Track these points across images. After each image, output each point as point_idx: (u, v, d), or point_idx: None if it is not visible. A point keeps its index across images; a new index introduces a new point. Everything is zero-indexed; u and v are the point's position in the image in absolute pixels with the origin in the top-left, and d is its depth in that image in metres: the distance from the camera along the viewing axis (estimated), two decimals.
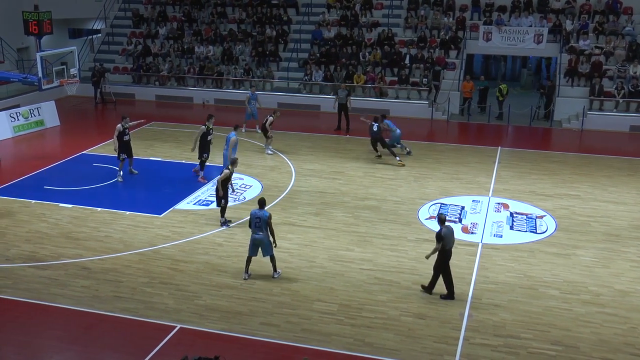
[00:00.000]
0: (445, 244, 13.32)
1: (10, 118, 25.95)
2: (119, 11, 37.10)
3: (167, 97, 32.03)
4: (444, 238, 13.25)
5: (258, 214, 13.95)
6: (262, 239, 13.96)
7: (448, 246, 13.39)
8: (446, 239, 13.30)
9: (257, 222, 13.92)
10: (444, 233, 13.27)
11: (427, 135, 26.61)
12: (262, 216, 13.91)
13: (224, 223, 16.89)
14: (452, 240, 13.52)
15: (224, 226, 16.82)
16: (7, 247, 15.77)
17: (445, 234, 13.29)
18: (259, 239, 13.98)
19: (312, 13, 34.10)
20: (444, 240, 13.26)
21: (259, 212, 13.98)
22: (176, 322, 12.59)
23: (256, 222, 13.92)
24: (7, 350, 11.18)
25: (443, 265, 13.44)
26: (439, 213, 13.66)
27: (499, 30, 30.13)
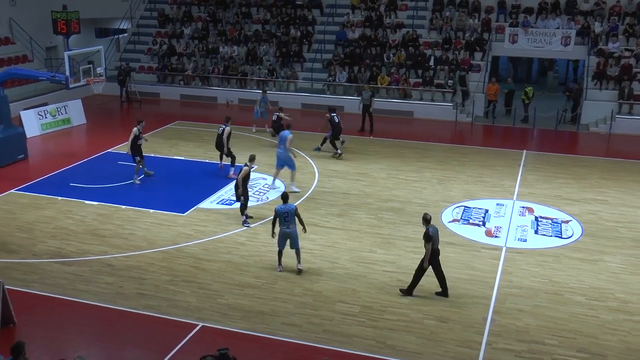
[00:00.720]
0: (434, 243, 13.34)
1: (38, 116, 26.27)
2: (144, 11, 37.38)
3: (191, 97, 32.19)
4: (432, 237, 13.27)
5: (285, 208, 14.28)
6: (292, 232, 14.33)
7: (436, 245, 13.42)
8: (434, 238, 13.34)
9: (285, 217, 14.25)
10: (432, 232, 13.30)
11: (452, 138, 26.46)
12: (290, 210, 14.27)
13: (245, 222, 16.95)
14: (439, 239, 13.60)
15: (244, 225, 16.87)
16: (34, 243, 15.95)
17: (433, 233, 13.34)
18: (289, 232, 14.33)
19: (336, 14, 34.09)
20: (433, 239, 13.29)
21: (285, 206, 14.32)
22: (198, 321, 12.65)
23: (285, 216, 14.24)
24: (33, 345, 11.30)
25: (433, 263, 13.47)
26: (425, 213, 13.66)
27: (525, 32, 29.88)
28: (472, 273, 14.64)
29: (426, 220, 13.43)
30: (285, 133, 19.84)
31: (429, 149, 24.27)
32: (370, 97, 26.14)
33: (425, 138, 25.69)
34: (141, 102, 31.71)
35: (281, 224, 14.33)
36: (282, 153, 19.63)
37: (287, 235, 14.38)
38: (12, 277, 14.13)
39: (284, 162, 19.65)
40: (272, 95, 30.90)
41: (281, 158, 19.67)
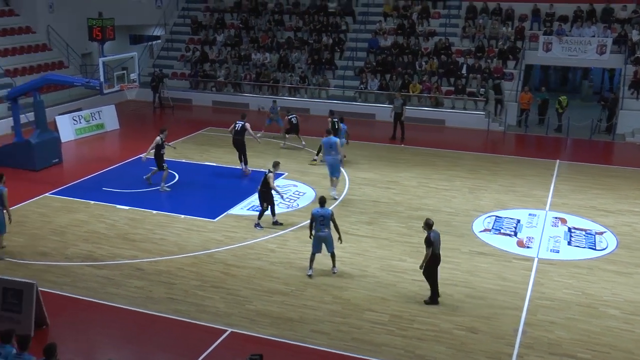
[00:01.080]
0: (435, 249, 13.30)
1: (72, 121, 26.66)
2: (178, 18, 37.77)
3: (223, 103, 32.40)
4: (433, 243, 13.21)
5: (321, 212, 14.44)
6: (326, 236, 14.48)
7: (437, 250, 13.39)
8: (435, 243, 13.30)
9: (321, 220, 14.40)
10: (433, 237, 13.26)
11: (483, 147, 26.22)
12: (326, 214, 14.45)
13: (257, 224, 17.26)
14: (440, 244, 13.54)
15: (257, 227, 17.14)
16: (67, 246, 16.15)
17: (435, 238, 13.30)
18: (324, 236, 14.48)
19: (368, 21, 34.08)
20: (434, 245, 13.24)
21: (322, 210, 14.48)
22: (227, 326, 12.67)
23: (320, 220, 14.40)
24: (64, 347, 11.41)
25: (433, 269, 13.45)
26: (427, 218, 13.70)
27: (559, 40, 29.55)
28: (503, 284, 14.47)
29: (428, 225, 13.47)
30: (334, 139, 19.74)
31: (460, 157, 24.09)
32: (402, 106, 26.04)
33: (456, 146, 25.50)
34: (173, 108, 32.01)
35: (316, 227, 14.46)
36: (332, 159, 19.50)
37: (322, 239, 14.52)
38: (45, 279, 14.32)
39: (334, 168, 19.56)
40: (303, 102, 31.07)
41: (332, 164, 19.53)
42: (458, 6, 33.47)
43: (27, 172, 21.72)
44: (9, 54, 30.57)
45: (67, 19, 33.18)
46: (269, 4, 36.34)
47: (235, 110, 31.16)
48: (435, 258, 13.43)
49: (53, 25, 32.83)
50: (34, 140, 21.98)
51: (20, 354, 9.78)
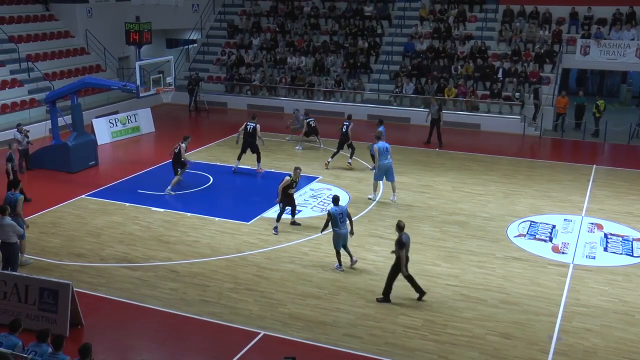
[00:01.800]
0: (407, 250, 13.28)
1: (109, 124, 27.03)
2: (214, 22, 38.07)
3: (258, 107, 32.50)
4: (405, 244, 13.19)
5: (339, 210, 14.88)
6: (346, 232, 14.94)
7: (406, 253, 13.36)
8: (407, 245, 13.28)
9: (340, 218, 14.75)
10: (404, 239, 13.25)
11: (519, 151, 25.92)
12: (343, 211, 14.92)
13: (275, 228, 17.29)
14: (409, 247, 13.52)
15: (274, 231, 17.19)
16: (102, 248, 16.38)
17: (406, 240, 13.28)
18: (345, 233, 14.90)
19: (404, 25, 33.96)
20: (406, 246, 13.22)
21: (340, 208, 14.93)
22: (260, 329, 12.72)
23: (340, 217, 14.74)
24: (99, 347, 11.58)
25: (395, 269, 13.42)
26: (399, 220, 13.72)
27: (597, 44, 29.10)
28: (537, 289, 14.29)
29: (400, 227, 13.48)
30: (387, 144, 19.74)
31: (495, 162, 23.87)
32: (438, 111, 25.86)
33: (491, 151, 25.26)
34: (208, 111, 32.28)
35: (336, 225, 14.72)
36: (389, 163, 19.54)
37: (344, 235, 14.82)
38: (81, 280, 14.54)
39: (390, 172, 19.60)
40: (338, 106, 31.07)
41: (389, 169, 19.55)
42: (495, 9, 33.18)
43: (64, 174, 22.09)
44: (48, 58, 31.16)
45: (105, 23, 33.75)
46: (305, 7, 36.45)
47: (269, 114, 31.37)
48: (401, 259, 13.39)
49: (91, 30, 33.36)
50: (71, 143, 22.35)
51: (55, 354, 9.95)
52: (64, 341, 10.23)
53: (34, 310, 12.62)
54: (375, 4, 35.06)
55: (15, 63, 29.51)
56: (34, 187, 21.12)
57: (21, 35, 31.09)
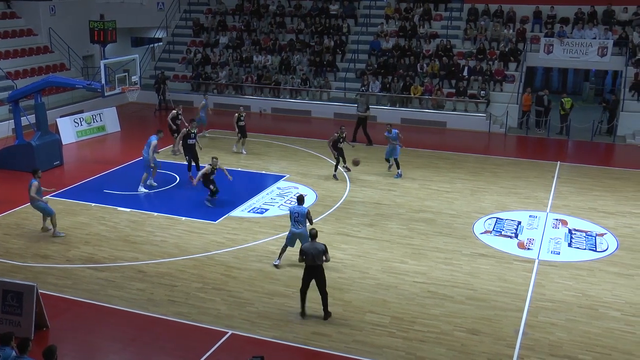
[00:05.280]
0: (308, 260, 12.79)
1: (74, 123, 26.68)
2: (180, 20, 37.79)
3: (225, 105, 32.36)
4: (305, 252, 12.80)
5: (297, 209, 14.81)
6: (301, 232, 14.74)
7: (310, 262, 12.80)
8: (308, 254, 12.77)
9: (296, 217, 14.73)
10: (305, 248, 12.86)
11: (485, 149, 26.21)
12: (301, 211, 14.77)
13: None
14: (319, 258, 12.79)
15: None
16: (68, 248, 16.16)
17: (307, 249, 12.81)
18: (299, 233, 14.78)
19: (370, 24, 34.10)
20: (306, 254, 12.78)
21: (298, 207, 14.84)
22: (228, 328, 12.67)
23: (295, 217, 14.73)
24: (65, 349, 11.43)
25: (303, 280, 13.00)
26: (312, 228, 13.43)
27: (560, 42, 29.55)
28: (504, 285, 14.46)
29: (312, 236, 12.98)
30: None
31: (461, 159, 24.10)
32: (366, 110, 25.97)
33: (457, 149, 25.51)
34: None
35: (292, 224, 14.76)
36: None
37: (297, 236, 14.81)
38: (46, 281, 14.33)
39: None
40: (305, 104, 31.09)
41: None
42: (459, 8, 33.49)
43: (28, 175, 21.56)
44: (10, 57, 30.63)
45: (69, 21, 33.28)
46: (270, 6, 36.39)
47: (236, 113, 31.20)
48: (307, 270, 12.92)
49: (54, 28, 32.87)
50: (35, 143, 22.01)
51: (20, 357, 9.79)
52: (30, 344, 10.06)
53: None
54: (341, 3, 35.15)
55: None
56: None
57: None
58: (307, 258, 12.80)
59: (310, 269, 12.86)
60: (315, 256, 12.77)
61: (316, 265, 12.82)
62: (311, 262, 12.80)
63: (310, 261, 12.80)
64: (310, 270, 12.86)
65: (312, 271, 12.87)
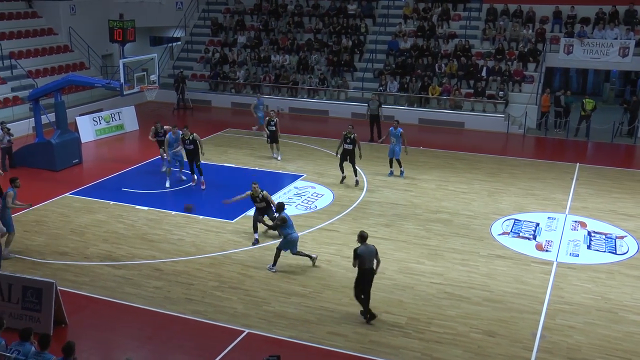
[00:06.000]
0: (362, 263, 12.65)
1: (93, 122, 26.88)
2: (198, 20, 37.93)
3: (242, 105, 32.45)
4: (360, 256, 12.62)
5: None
6: (297, 238, 15.12)
7: (364, 265, 12.67)
8: (363, 258, 12.61)
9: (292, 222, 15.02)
10: (360, 251, 12.62)
11: (502, 150, 26.06)
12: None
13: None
14: (371, 260, 12.71)
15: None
16: (86, 246, 16.28)
17: (363, 252, 12.64)
18: (297, 238, 15.06)
19: (388, 24, 34.02)
20: (360, 258, 12.62)
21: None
22: (244, 327, 12.70)
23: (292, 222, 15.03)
24: (83, 345, 11.51)
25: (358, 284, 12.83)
26: (361, 230, 13.07)
27: (581, 42, 29.29)
28: (521, 287, 14.37)
29: (362, 237, 12.78)
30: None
31: (479, 160, 23.97)
32: (378, 107, 25.90)
33: (475, 149, 25.37)
34: (192, 109, 32.16)
35: (291, 229, 14.82)
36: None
37: (296, 241, 14.94)
38: (65, 278, 14.45)
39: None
40: (322, 104, 31.12)
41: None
42: (478, 8, 33.32)
43: (47, 172, 21.94)
44: (31, 55, 30.93)
45: (89, 20, 33.55)
46: (288, 6, 36.41)
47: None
48: (362, 273, 12.74)
49: (74, 27, 33.14)
50: (55, 141, 22.20)
51: (40, 353, 9.88)
52: (50, 340, 10.15)
53: (17, 309, 12.51)
54: (360, 3, 35.09)
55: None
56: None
57: (4, 32, 30.80)
58: (363, 261, 12.64)
59: (365, 272, 12.69)
60: (370, 259, 12.68)
61: (371, 267, 12.73)
62: (367, 265, 12.67)
63: (366, 264, 12.66)
64: (366, 272, 12.70)
65: (367, 274, 12.72)
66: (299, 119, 29.89)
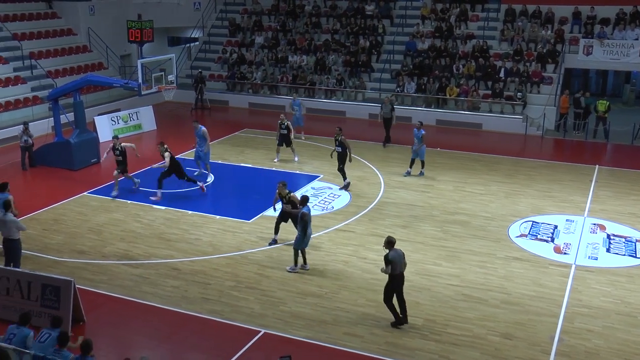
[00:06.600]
0: (394, 269, 12.52)
1: (111, 121, 27.04)
2: (216, 20, 38.03)
3: (259, 105, 32.53)
4: (392, 262, 12.47)
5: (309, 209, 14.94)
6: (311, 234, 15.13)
7: (397, 271, 12.56)
8: (395, 263, 12.46)
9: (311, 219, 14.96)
10: (391, 257, 12.46)
11: (521, 151, 25.89)
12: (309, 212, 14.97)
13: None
14: (402, 265, 12.61)
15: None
16: (104, 245, 16.37)
17: (394, 258, 12.48)
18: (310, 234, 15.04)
19: (406, 24, 33.93)
20: (393, 264, 12.45)
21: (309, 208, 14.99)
22: (261, 327, 12.71)
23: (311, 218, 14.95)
24: (100, 343, 11.57)
25: (390, 291, 12.68)
26: (388, 236, 12.86)
27: (600, 43, 29.04)
28: (539, 290, 14.27)
29: (390, 243, 12.61)
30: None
31: (496, 162, 23.84)
32: (391, 111, 25.67)
33: (493, 151, 25.23)
34: (210, 109, 32.26)
35: (309, 226, 14.78)
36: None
37: (309, 237, 14.98)
38: (82, 276, 14.54)
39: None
40: (339, 105, 31.12)
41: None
42: (497, 9, 33.14)
43: (66, 171, 22.09)
44: (50, 56, 31.18)
45: (107, 21, 33.80)
46: (306, 6, 36.43)
47: (270, 113, 31.31)
48: (393, 279, 12.64)
49: (93, 28, 33.37)
50: (74, 140, 22.36)
51: (58, 350, 9.95)
52: (69, 338, 10.24)
53: (36, 306, 12.62)
54: (377, 3, 35.02)
55: (18, 60, 29.50)
56: (37, 184, 21.19)
57: (24, 32, 31.10)
58: (395, 267, 12.49)
59: (397, 277, 12.60)
60: (401, 264, 12.59)
61: (402, 272, 12.65)
62: (399, 270, 12.56)
63: (398, 269, 12.54)
64: (398, 278, 12.61)
65: (399, 279, 12.63)
66: (316, 119, 29.85)
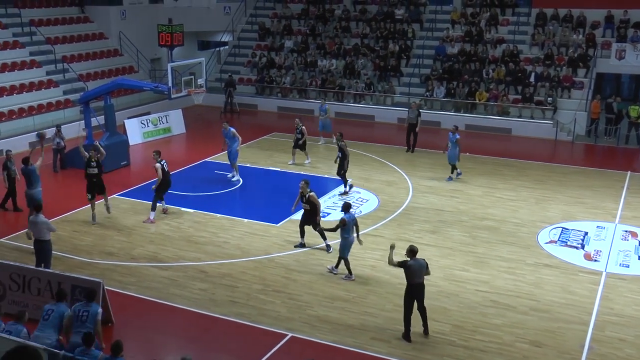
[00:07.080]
0: (411, 277, 12.30)
1: (141, 124, 27.31)
2: (245, 24, 38.25)
3: (288, 109, 32.62)
4: (409, 267, 12.25)
5: (352, 217, 14.90)
6: (354, 240, 14.97)
7: (414, 280, 12.32)
8: (411, 271, 12.25)
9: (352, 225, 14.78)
10: (410, 263, 12.27)
11: (551, 157, 25.60)
12: (354, 218, 14.97)
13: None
14: (420, 275, 12.35)
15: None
16: (133, 247, 16.52)
17: (413, 265, 12.27)
18: (353, 241, 14.93)
19: (436, 29, 33.79)
20: (408, 270, 12.25)
21: (352, 215, 14.98)
22: (287, 331, 12.72)
23: (353, 224, 14.82)
24: (129, 344, 11.66)
25: (410, 299, 12.43)
26: (410, 245, 12.59)
27: (634, 47, 28.63)
28: (569, 297, 14.09)
29: (412, 252, 12.37)
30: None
31: (526, 167, 23.61)
32: (417, 117, 25.42)
33: (523, 156, 25.00)
34: (239, 113, 32.42)
35: (347, 232, 14.69)
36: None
37: (351, 243, 14.86)
38: (112, 278, 14.68)
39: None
40: (368, 109, 31.08)
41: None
42: (527, 13, 32.87)
43: None
44: (82, 59, 31.59)
45: (138, 25, 34.16)
46: (336, 10, 36.48)
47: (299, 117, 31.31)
48: (411, 288, 12.42)
49: (124, 32, 33.78)
50: (104, 143, 22.57)
51: (87, 350, 10.07)
52: (94, 339, 10.35)
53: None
54: (407, 7, 34.96)
55: (51, 64, 29.96)
56: (67, 185, 21.46)
57: (57, 37, 31.56)
58: (412, 275, 12.28)
59: (415, 287, 12.37)
60: (420, 273, 12.37)
61: (421, 282, 12.46)
62: (417, 280, 12.37)
63: (416, 278, 12.33)
64: (416, 288, 12.39)
65: (417, 289, 12.41)
66: (345, 123, 29.82)
